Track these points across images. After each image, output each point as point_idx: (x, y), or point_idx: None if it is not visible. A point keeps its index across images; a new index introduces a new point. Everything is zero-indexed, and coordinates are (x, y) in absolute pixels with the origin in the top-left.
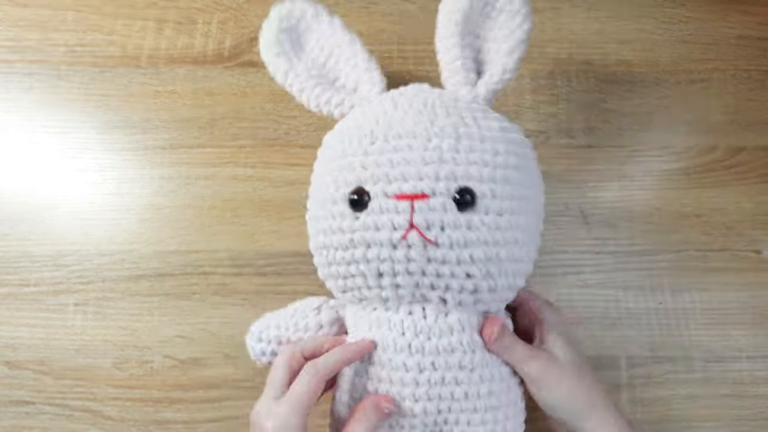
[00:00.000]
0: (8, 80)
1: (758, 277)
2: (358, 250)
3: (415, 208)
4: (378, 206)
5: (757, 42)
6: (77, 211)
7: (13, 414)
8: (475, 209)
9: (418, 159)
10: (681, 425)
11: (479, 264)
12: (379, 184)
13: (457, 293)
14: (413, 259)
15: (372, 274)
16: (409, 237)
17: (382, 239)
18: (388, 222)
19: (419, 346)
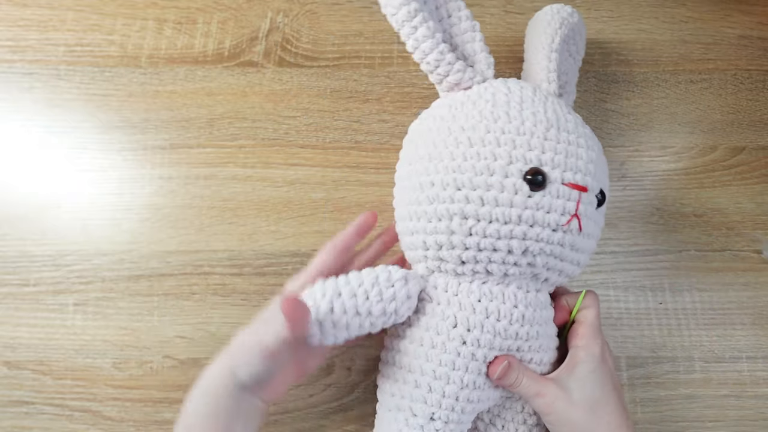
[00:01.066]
0: (8, 80)
1: (758, 277)
2: (521, 227)
3: (582, 199)
4: (556, 190)
5: (758, 42)
6: (77, 211)
7: (12, 414)
8: (601, 208)
9: (584, 155)
10: (681, 425)
11: (587, 255)
12: (558, 169)
13: (562, 277)
14: (563, 243)
15: (518, 251)
16: (572, 224)
17: (549, 221)
18: (561, 206)
19: (531, 318)
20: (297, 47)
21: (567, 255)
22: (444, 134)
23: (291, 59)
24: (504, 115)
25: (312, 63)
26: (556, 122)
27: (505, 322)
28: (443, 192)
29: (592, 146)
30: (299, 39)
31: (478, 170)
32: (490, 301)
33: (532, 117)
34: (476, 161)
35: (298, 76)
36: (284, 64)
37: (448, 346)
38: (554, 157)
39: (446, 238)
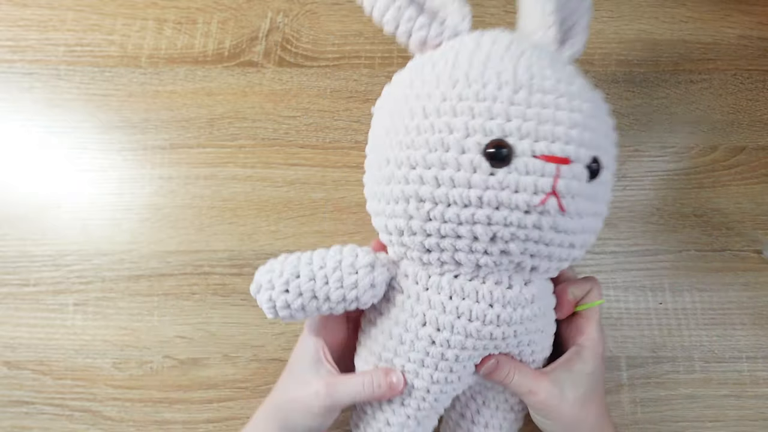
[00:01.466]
0: (8, 80)
1: (758, 277)
2: (484, 210)
3: (561, 172)
4: (524, 165)
5: (758, 42)
6: (77, 211)
7: (12, 414)
8: (597, 180)
9: (566, 119)
10: (681, 425)
11: (586, 235)
12: (527, 140)
13: (554, 262)
14: (540, 227)
15: (485, 237)
16: (547, 203)
17: (518, 202)
18: (531, 184)
19: (508, 318)
20: (297, 47)
21: (552, 239)
22: (400, 104)
23: (291, 59)
24: (463, 78)
25: (312, 63)
26: (528, 81)
27: (478, 323)
28: (398, 171)
29: (580, 107)
30: (299, 39)
31: (432, 146)
32: (461, 299)
33: (496, 78)
34: (430, 135)
35: (298, 76)
36: (284, 64)
37: (416, 344)
38: (522, 124)
39: (405, 223)
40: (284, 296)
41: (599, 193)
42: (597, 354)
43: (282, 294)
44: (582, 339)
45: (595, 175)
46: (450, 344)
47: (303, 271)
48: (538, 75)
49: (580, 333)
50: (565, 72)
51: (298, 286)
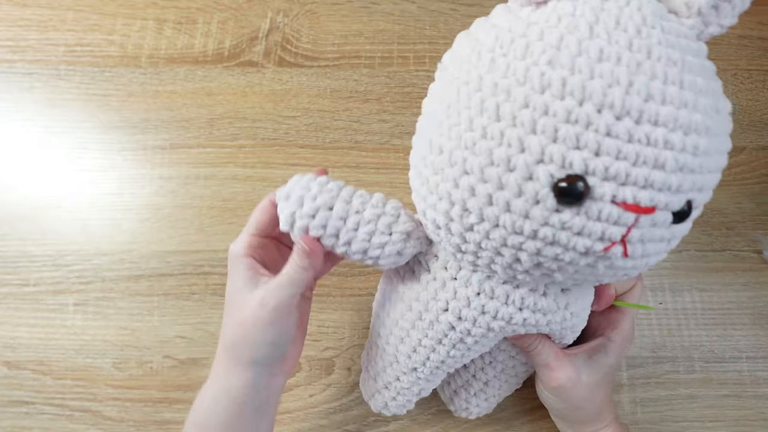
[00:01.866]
0: (8, 80)
1: (758, 277)
2: (536, 243)
3: (639, 223)
4: (597, 210)
5: (758, 42)
6: (77, 211)
7: (12, 414)
8: (682, 222)
9: (670, 163)
10: (681, 425)
11: (643, 268)
12: (611, 183)
13: (599, 283)
14: (595, 267)
15: (528, 264)
16: (611, 251)
17: (577, 246)
18: (599, 231)
19: (534, 322)
20: (297, 47)
21: (603, 274)
22: (472, 85)
23: (291, 59)
24: (558, 83)
25: (312, 63)
26: (640, 106)
27: (502, 322)
28: (449, 169)
29: (696, 143)
30: (299, 39)
31: (495, 159)
32: (489, 299)
33: (601, 96)
34: (496, 145)
35: (298, 76)
36: (284, 64)
37: (435, 326)
38: (612, 164)
39: (444, 222)
40: (307, 220)
41: (678, 233)
42: (622, 350)
43: (306, 218)
44: (613, 333)
45: (683, 218)
46: (470, 333)
47: (338, 207)
48: (657, 96)
49: (612, 326)
50: (695, 87)
51: (325, 218)
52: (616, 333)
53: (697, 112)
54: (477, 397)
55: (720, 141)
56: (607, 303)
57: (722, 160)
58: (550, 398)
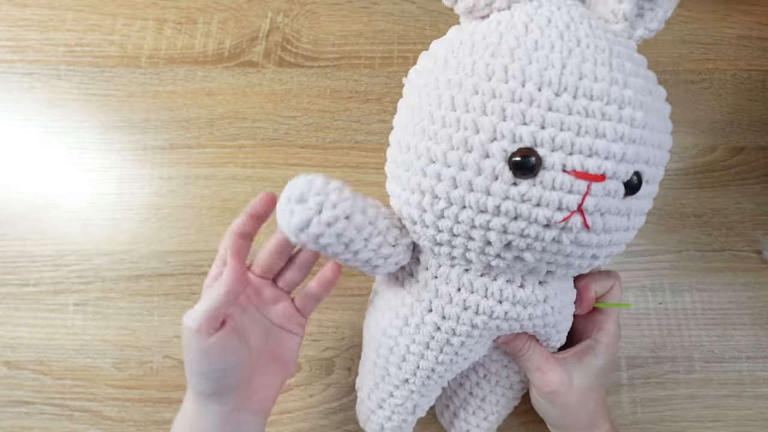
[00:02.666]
0: (8, 80)
1: (758, 277)
2: (500, 219)
3: (591, 190)
4: (551, 179)
5: (758, 42)
6: (77, 211)
7: (12, 414)
8: (635, 195)
9: (610, 131)
10: (681, 425)
11: (612, 248)
12: (559, 152)
13: (573, 270)
14: (560, 241)
15: (499, 244)
16: (570, 221)
17: (538, 216)
18: (555, 200)
19: (515, 315)
20: (297, 47)
21: (573, 251)
22: (430, 85)
23: (291, 59)
24: (500, 71)
25: (312, 63)
26: (575, 83)
27: (485, 317)
28: (417, 162)
29: (632, 115)
30: (299, 39)
31: (454, 143)
32: (470, 293)
33: (538, 76)
34: (454, 131)
35: (298, 76)
36: (284, 64)
37: (421, 329)
38: (557, 134)
39: (418, 215)
40: (323, 229)
41: (634, 208)
42: (611, 351)
43: (323, 226)
44: (599, 335)
45: (635, 190)
46: (456, 332)
47: (356, 218)
48: (589, 75)
49: (597, 328)
50: (624, 69)
51: (343, 228)
52: (602, 334)
53: (628, 88)
54: (476, 416)
55: (658, 118)
56: (588, 305)
57: (665, 139)
58: (544, 405)
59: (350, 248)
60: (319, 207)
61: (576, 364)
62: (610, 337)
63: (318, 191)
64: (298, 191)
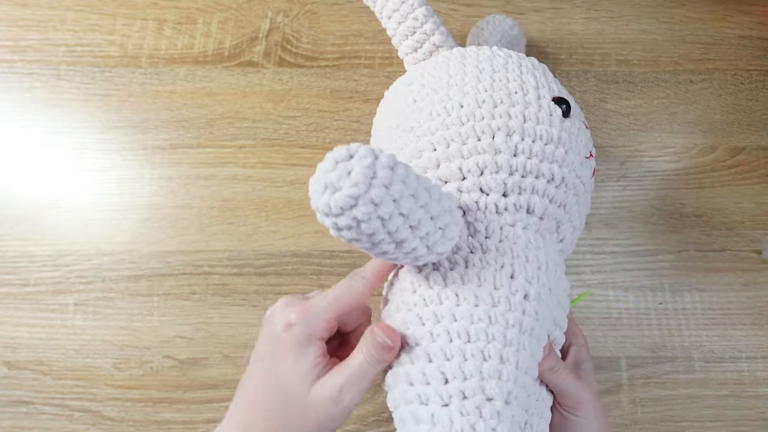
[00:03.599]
0: (8, 80)
1: (758, 277)
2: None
3: None
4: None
5: (758, 42)
6: (77, 211)
7: (12, 414)
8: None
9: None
10: (681, 425)
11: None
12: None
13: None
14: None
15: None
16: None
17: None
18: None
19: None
20: (297, 47)
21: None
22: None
23: (291, 59)
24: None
25: (312, 63)
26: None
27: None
28: (478, 109)
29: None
30: (299, 39)
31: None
32: (537, 249)
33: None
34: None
35: (298, 76)
36: (284, 64)
37: (512, 300)
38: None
39: (490, 158)
40: (371, 208)
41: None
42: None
43: (377, 221)
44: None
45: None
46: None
47: (407, 202)
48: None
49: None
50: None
51: (397, 226)
52: (577, 337)
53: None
54: None
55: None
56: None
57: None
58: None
59: (395, 236)
60: (368, 183)
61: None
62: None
63: (365, 166)
64: (339, 165)
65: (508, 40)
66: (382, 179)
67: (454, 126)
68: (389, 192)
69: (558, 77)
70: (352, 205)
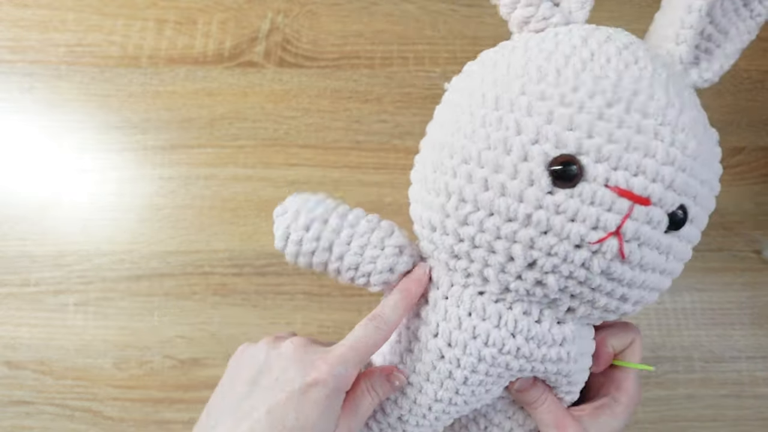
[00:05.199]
0: (8, 80)
1: (758, 277)
2: (528, 231)
3: (633, 213)
4: (591, 192)
5: (757, 42)
6: (77, 211)
7: (13, 414)
8: (678, 233)
9: (661, 153)
10: (681, 425)
11: (645, 292)
12: (604, 164)
13: (597, 311)
14: (590, 267)
15: (522, 261)
16: (605, 244)
17: (571, 233)
18: (593, 216)
19: (528, 353)
20: (297, 47)
21: (601, 285)
22: (475, 85)
23: (291, 59)
24: (553, 74)
25: (312, 63)
26: (630, 97)
27: (494, 350)
28: (448, 160)
29: (685, 142)
30: (299, 39)
31: (492, 142)
32: (481, 320)
33: (592, 83)
34: (494, 130)
35: (298, 76)
36: (284, 65)
37: (424, 355)
38: (604, 145)
39: (440, 220)
40: (302, 233)
41: (675, 248)
42: (629, 412)
43: (301, 230)
44: (618, 394)
45: (678, 226)
46: (460, 364)
47: (332, 220)
48: (644, 92)
49: (615, 385)
50: (680, 98)
51: (319, 230)
52: (621, 393)
53: (684, 114)
54: None
55: (710, 155)
56: (605, 362)
57: (714, 180)
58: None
59: (334, 252)
60: (296, 215)
61: (592, 423)
62: (629, 397)
63: (298, 202)
64: (279, 209)
65: None
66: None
67: None
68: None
69: None
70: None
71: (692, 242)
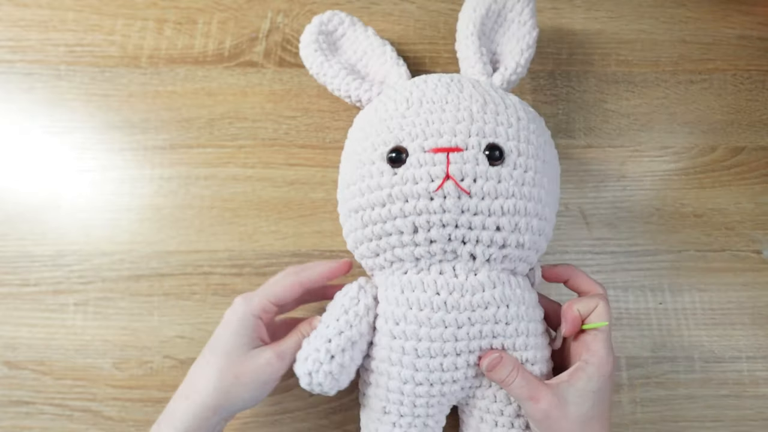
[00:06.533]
0: (8, 80)
1: (758, 277)
2: (396, 205)
3: (451, 159)
4: (416, 160)
5: (758, 42)
6: (77, 211)
7: (12, 414)
8: (504, 163)
9: (451, 118)
10: (681, 425)
11: (508, 216)
12: (417, 140)
13: (486, 247)
14: (448, 209)
15: (407, 229)
16: (444, 186)
17: (419, 191)
18: (425, 174)
19: (455, 303)
20: (297, 47)
21: (470, 221)
22: (351, 137)
23: (291, 59)
24: (371, 114)
25: None
26: (421, 98)
27: (427, 310)
28: (344, 190)
29: (469, 106)
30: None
31: (356, 167)
32: (411, 291)
33: (393, 103)
34: (355, 160)
35: (298, 76)
36: (284, 64)
37: (382, 341)
38: (411, 129)
39: (354, 235)
40: (333, 363)
41: (510, 176)
42: (603, 373)
43: (329, 363)
44: (588, 356)
45: (498, 159)
46: (406, 335)
47: (331, 330)
48: (429, 92)
49: (586, 349)
50: (467, 89)
51: (338, 345)
52: (590, 355)
53: (463, 91)
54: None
55: (504, 105)
56: (573, 325)
57: (516, 118)
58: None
59: (354, 340)
60: (317, 363)
61: (568, 389)
62: (599, 358)
63: (305, 365)
64: (304, 380)
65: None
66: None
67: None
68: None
69: (558, 77)
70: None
71: (529, 170)
